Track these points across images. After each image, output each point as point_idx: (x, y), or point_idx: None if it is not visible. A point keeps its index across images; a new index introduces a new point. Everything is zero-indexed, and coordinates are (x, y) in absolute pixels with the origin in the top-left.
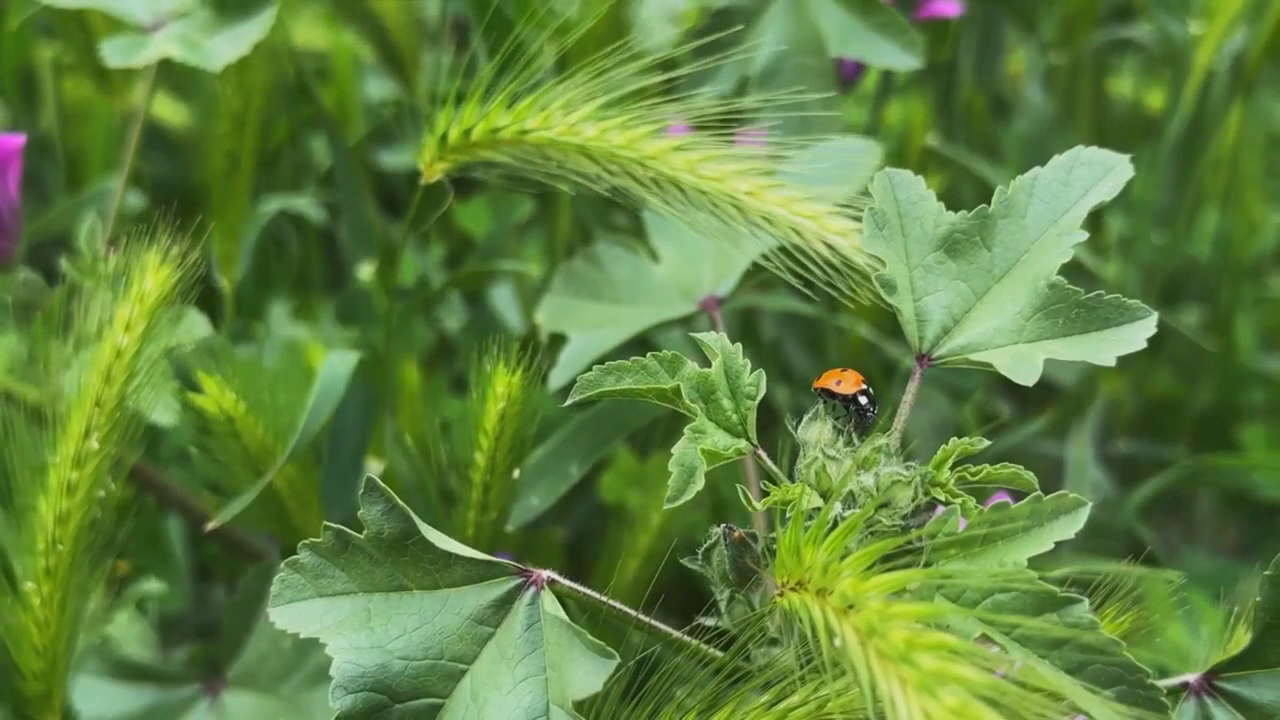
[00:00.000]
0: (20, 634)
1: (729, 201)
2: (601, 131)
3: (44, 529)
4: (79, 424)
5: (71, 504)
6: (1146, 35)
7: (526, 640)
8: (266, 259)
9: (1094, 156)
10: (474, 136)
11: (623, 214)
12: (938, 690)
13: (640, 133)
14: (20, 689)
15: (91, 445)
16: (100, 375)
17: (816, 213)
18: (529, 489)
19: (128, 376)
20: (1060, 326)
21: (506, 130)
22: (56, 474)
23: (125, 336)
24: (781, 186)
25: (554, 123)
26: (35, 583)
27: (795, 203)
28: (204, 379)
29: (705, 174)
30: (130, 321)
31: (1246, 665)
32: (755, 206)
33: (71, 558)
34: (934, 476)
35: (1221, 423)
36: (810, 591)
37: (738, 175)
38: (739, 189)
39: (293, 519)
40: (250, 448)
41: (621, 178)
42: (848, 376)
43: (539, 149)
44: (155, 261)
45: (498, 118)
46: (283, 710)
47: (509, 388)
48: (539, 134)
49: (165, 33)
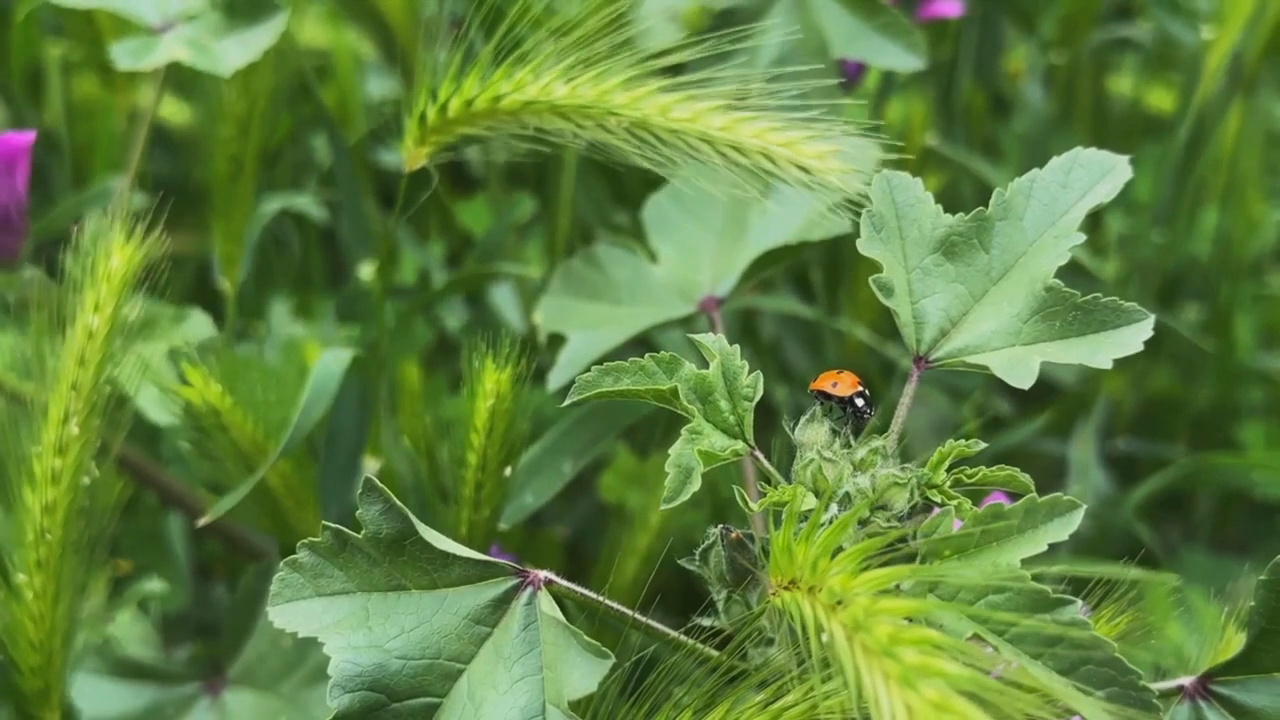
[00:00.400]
0: (16, 629)
1: (699, 138)
2: (573, 89)
3: (32, 520)
4: (57, 410)
5: (57, 492)
6: (1146, 35)
7: (523, 640)
8: (267, 258)
9: (1092, 158)
10: (450, 113)
11: (624, 212)
12: (919, 684)
13: (611, 84)
14: (19, 685)
15: (72, 430)
16: (74, 358)
17: (791, 140)
18: (523, 487)
19: (101, 358)
20: (1057, 329)
21: (480, 100)
22: (40, 463)
23: (95, 317)
24: (755, 119)
25: (526, 86)
26: (28, 575)
27: (769, 133)
28: (188, 371)
29: (676, 115)
30: (99, 302)
31: (1241, 670)
32: (725, 139)
33: (61, 548)
34: (930, 478)
35: (1221, 421)
36: (802, 589)
37: (710, 113)
38: (712, 124)
39: (288, 517)
40: (240, 443)
41: (594, 131)
42: (844, 378)
43: (514, 115)
44: (120, 240)
45: (470, 90)
46: (283, 708)
47: (498, 385)
48: (512, 99)
49: (174, 35)
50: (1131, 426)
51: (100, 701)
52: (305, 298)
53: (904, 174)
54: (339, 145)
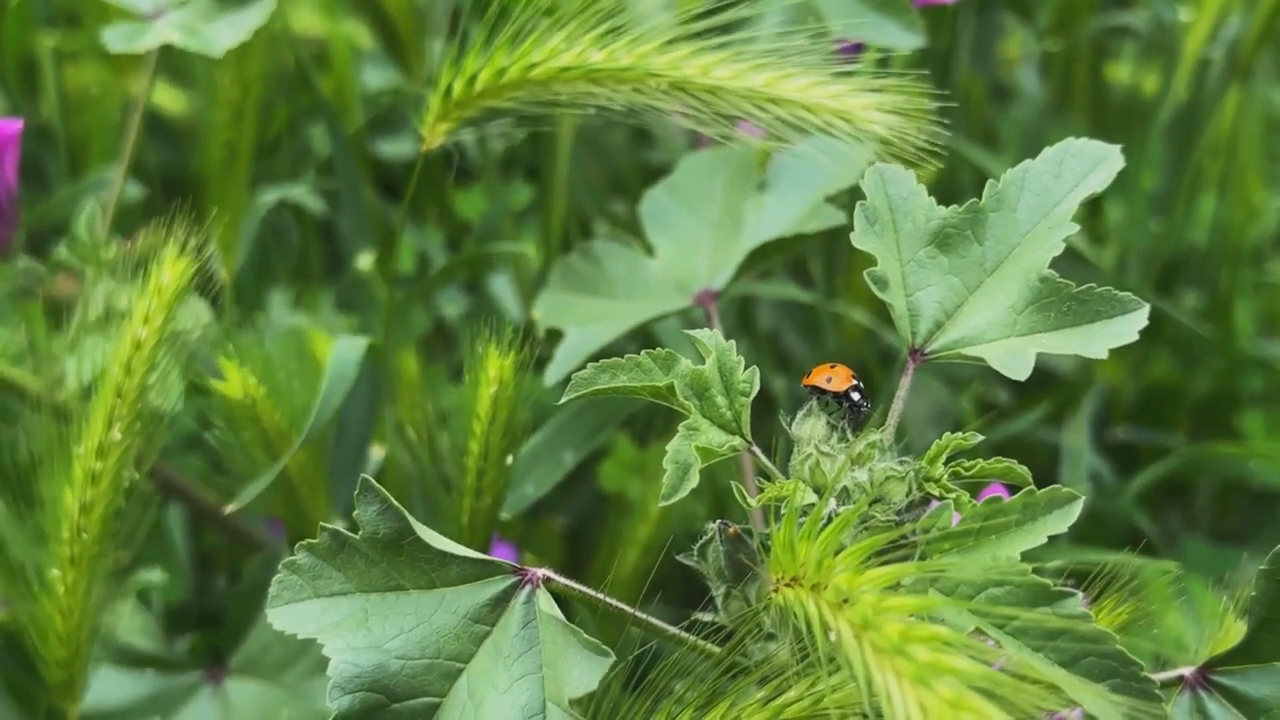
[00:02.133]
0: (45, 623)
1: (743, 95)
2: (610, 54)
3: (69, 518)
4: (101, 416)
5: (96, 493)
6: (1144, 22)
7: (523, 638)
8: (266, 248)
9: (1084, 148)
10: (479, 85)
11: (621, 201)
12: (933, 682)
13: (649, 48)
14: (44, 676)
15: (114, 436)
16: (121, 367)
17: (836, 93)
18: (524, 477)
19: (148, 368)
20: (1052, 320)
21: (512, 70)
22: (81, 464)
23: (144, 329)
24: (797, 76)
25: (560, 54)
26: (60, 570)
27: (813, 87)
28: (226, 365)
29: (718, 74)
30: (149, 314)
31: (1241, 659)
32: (766, 94)
33: (96, 546)
34: (927, 471)
35: (1221, 409)
36: (805, 587)
37: (752, 70)
38: (755, 82)
39: (303, 504)
40: (270, 432)
41: (628, 95)
42: (837, 372)
43: (545, 84)
44: (173, 254)
45: (501, 60)
46: (285, 699)
47: (501, 371)
48: (546, 66)
49: (166, 20)
50: (1131, 415)
51: (103, 690)
52: (304, 288)
53: (897, 167)
54: (337, 135)
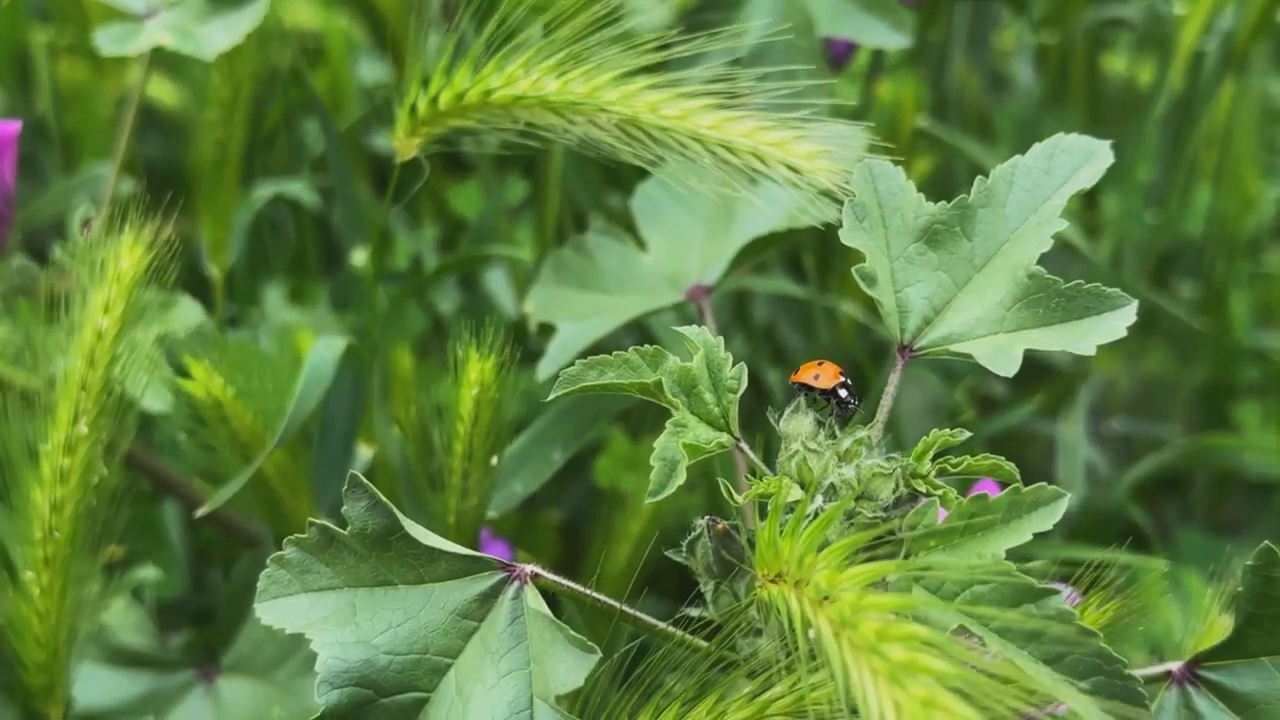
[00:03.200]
0: (22, 625)
1: (690, 136)
2: (564, 84)
3: (40, 517)
4: (67, 409)
5: (65, 491)
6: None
7: (510, 635)
8: (261, 243)
9: (1074, 144)
10: (441, 105)
11: (616, 195)
12: (907, 681)
13: (602, 80)
14: (23, 681)
15: (81, 430)
16: (84, 359)
17: (781, 140)
18: (512, 475)
19: (111, 359)
20: (1041, 316)
21: (471, 93)
22: (49, 461)
23: (105, 319)
24: (745, 119)
25: (517, 81)
26: (35, 572)
27: (759, 132)
28: (192, 364)
29: (667, 113)
30: (109, 303)
31: (1229, 654)
32: (715, 137)
33: (69, 545)
34: (915, 468)
35: (1217, 400)
36: (788, 584)
37: (700, 111)
38: (701, 123)
39: (283, 506)
40: (240, 433)
41: (584, 127)
42: (825, 369)
43: (505, 109)
44: (130, 242)
45: (461, 83)
46: (277, 697)
47: (482, 374)
48: (503, 93)
49: (158, 20)
50: (1127, 407)
51: (95, 690)
52: (299, 283)
53: (886, 163)
54: (331, 130)
